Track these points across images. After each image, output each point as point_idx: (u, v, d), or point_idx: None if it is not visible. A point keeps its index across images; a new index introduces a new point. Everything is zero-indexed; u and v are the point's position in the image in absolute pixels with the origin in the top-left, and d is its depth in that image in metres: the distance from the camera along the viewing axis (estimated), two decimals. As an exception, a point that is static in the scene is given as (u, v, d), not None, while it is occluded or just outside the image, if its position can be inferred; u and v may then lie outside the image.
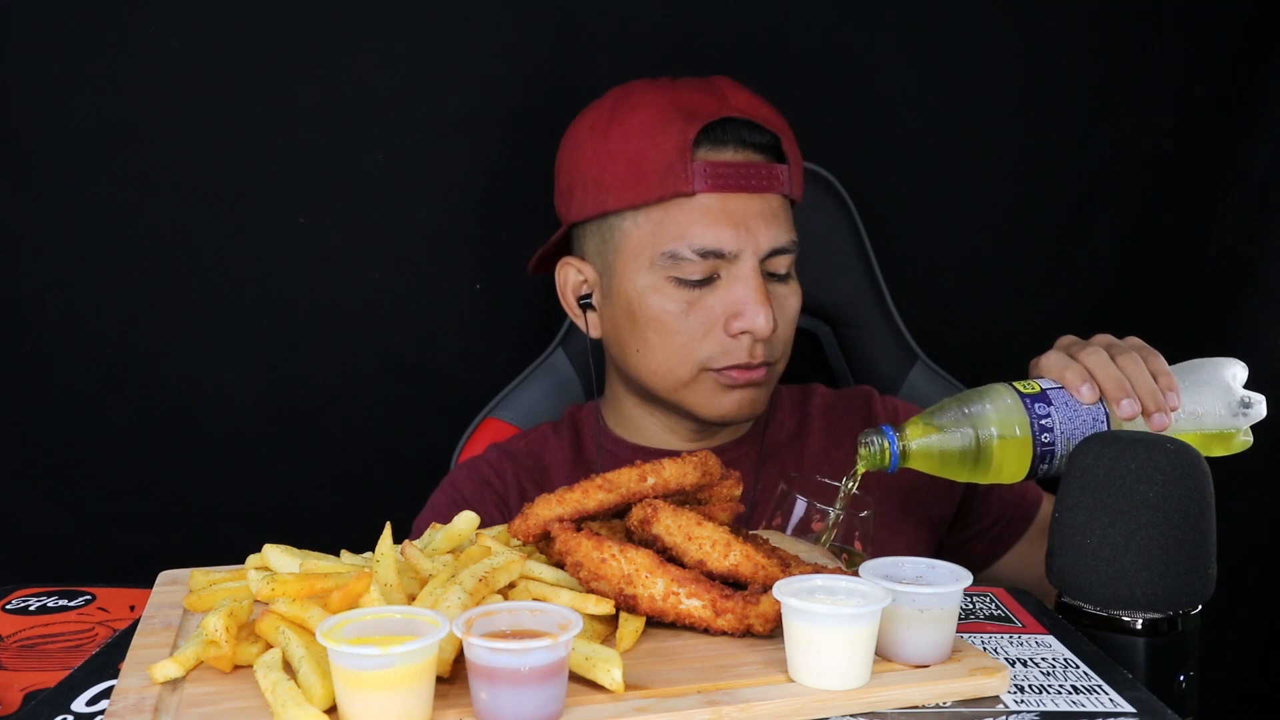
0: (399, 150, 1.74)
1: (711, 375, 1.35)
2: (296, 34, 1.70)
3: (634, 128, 1.33)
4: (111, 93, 1.67)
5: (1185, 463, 0.95)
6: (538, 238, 1.50)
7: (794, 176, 1.37)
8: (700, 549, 0.89)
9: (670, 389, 1.38)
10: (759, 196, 1.33)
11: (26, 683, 0.95)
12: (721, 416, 1.38)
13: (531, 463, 1.48)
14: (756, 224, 1.32)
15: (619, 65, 1.61)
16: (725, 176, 1.30)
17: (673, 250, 1.32)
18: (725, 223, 1.31)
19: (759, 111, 1.35)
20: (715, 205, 1.31)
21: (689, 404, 1.38)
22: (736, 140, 1.33)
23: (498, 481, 1.45)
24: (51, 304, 1.72)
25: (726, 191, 1.31)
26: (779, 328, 1.35)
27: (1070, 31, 1.85)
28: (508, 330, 1.82)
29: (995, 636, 0.93)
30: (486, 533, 0.99)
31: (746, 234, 1.31)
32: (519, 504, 1.39)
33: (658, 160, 1.31)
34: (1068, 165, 1.89)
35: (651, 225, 1.33)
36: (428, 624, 0.72)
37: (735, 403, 1.37)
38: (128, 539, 1.77)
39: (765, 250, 1.32)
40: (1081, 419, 1.11)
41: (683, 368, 1.35)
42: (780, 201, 1.36)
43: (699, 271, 1.32)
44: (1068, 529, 0.97)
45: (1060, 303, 1.91)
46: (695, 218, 1.31)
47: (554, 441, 1.50)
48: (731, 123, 1.33)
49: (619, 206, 1.34)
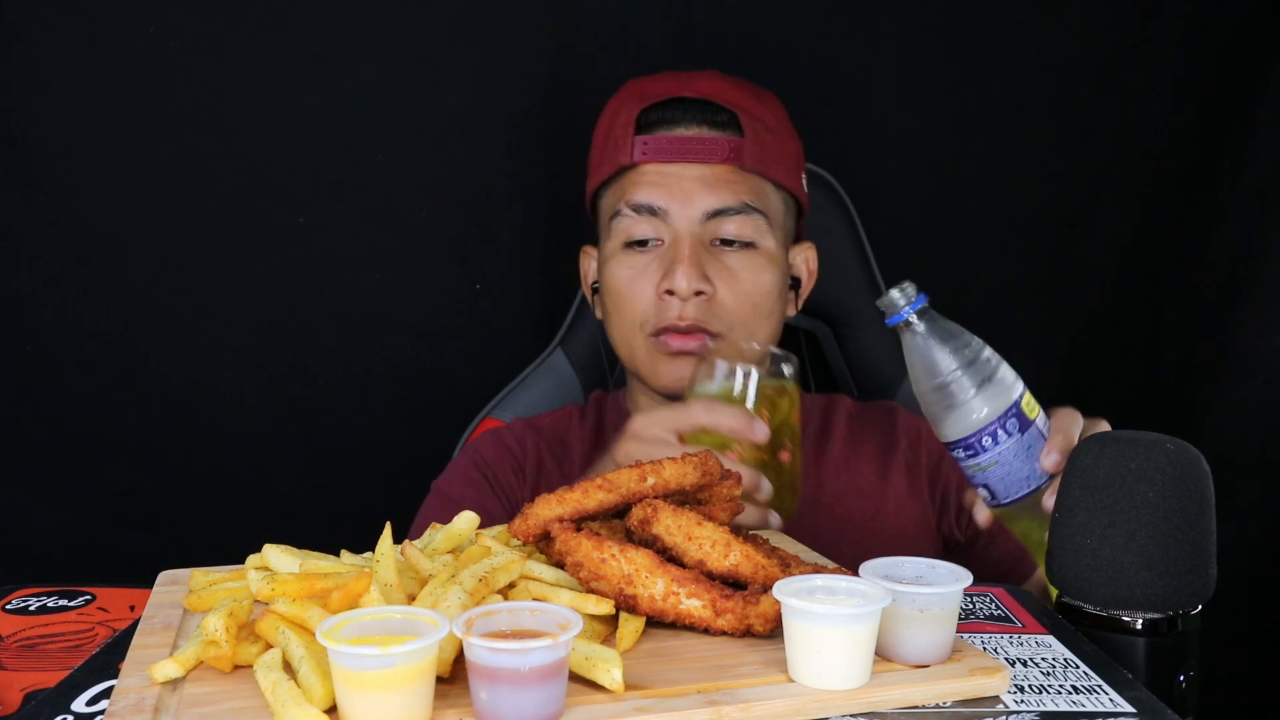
0: (399, 150, 1.74)
1: (652, 342, 1.39)
2: (296, 34, 1.70)
3: (604, 116, 1.46)
4: (111, 93, 1.67)
5: (1185, 463, 0.95)
6: (538, 238, 1.50)
7: (753, 150, 1.39)
8: (700, 549, 0.89)
9: (629, 359, 1.44)
10: (701, 165, 1.39)
11: (26, 683, 0.95)
12: (665, 387, 1.40)
13: (555, 439, 1.52)
14: (692, 187, 1.38)
15: (619, 65, 1.61)
16: (662, 148, 1.39)
17: (617, 209, 1.41)
18: (660, 184, 1.39)
19: (724, 94, 1.40)
20: (654, 171, 1.40)
21: (644, 375, 1.43)
22: (691, 119, 1.40)
23: (518, 449, 1.50)
24: (51, 304, 1.72)
25: (664, 161, 1.39)
26: (719, 294, 1.38)
27: (1070, 32, 1.85)
28: (508, 330, 1.82)
29: (995, 636, 0.93)
30: (486, 533, 0.99)
31: (682, 196, 1.38)
32: (535, 475, 1.48)
33: (610, 139, 1.43)
34: (1068, 165, 1.89)
35: (611, 198, 1.44)
36: (428, 624, 0.72)
37: (675, 372, 1.38)
38: (128, 539, 1.77)
39: (701, 210, 1.38)
40: (1022, 468, 1.10)
41: (634, 335, 1.41)
42: (728, 171, 1.39)
43: (640, 231, 1.39)
44: (1068, 529, 0.97)
45: (1060, 303, 1.92)
46: (637, 181, 1.40)
47: (578, 424, 1.54)
48: (685, 102, 1.40)
49: (593, 187, 1.46)
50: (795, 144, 1.48)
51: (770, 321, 1.44)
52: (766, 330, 1.44)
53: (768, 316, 1.43)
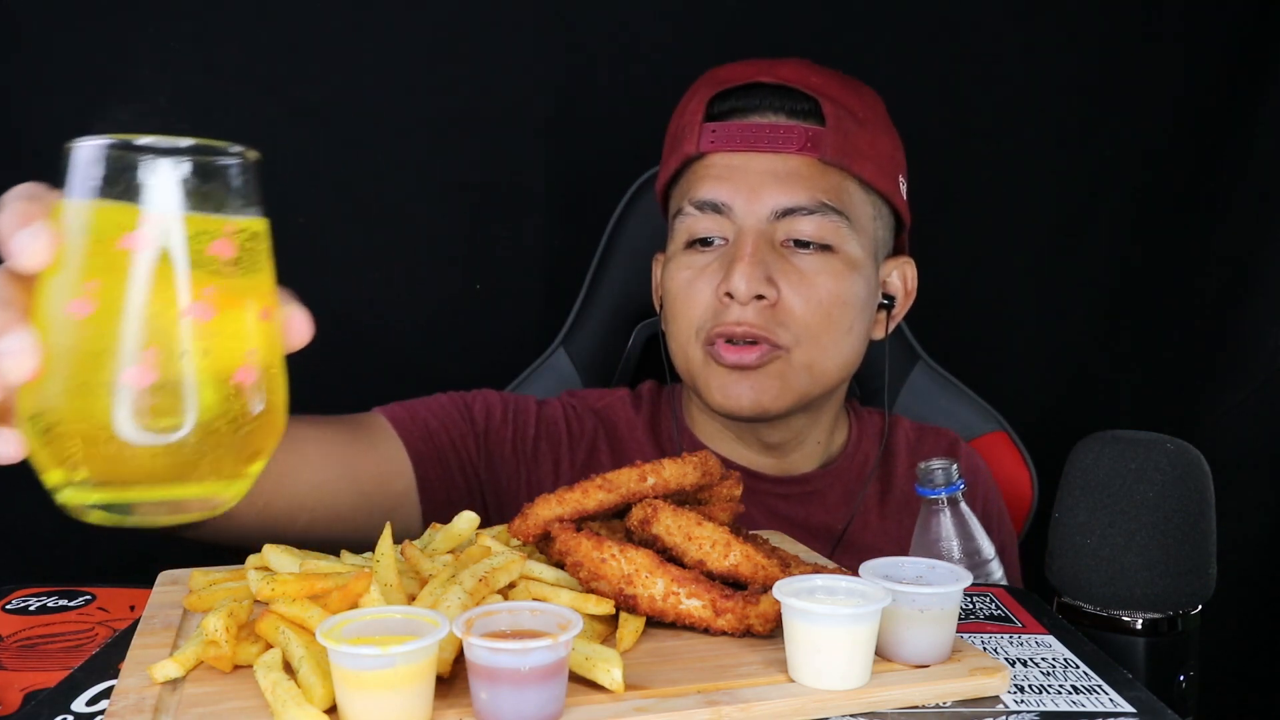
0: (399, 150, 1.74)
1: (707, 352, 1.26)
2: (297, 34, 1.70)
3: (679, 105, 1.33)
4: (111, 93, 1.67)
5: (1185, 463, 0.95)
6: (538, 238, 1.50)
7: (835, 141, 1.24)
8: (700, 549, 0.89)
9: (686, 373, 1.31)
10: (774, 156, 1.24)
11: (26, 683, 0.95)
12: (718, 406, 1.27)
13: (609, 427, 1.41)
14: (761, 181, 1.24)
15: (619, 65, 1.61)
16: (732, 136, 1.25)
17: (679, 207, 1.29)
18: (726, 178, 1.25)
19: (807, 80, 1.26)
20: (721, 163, 1.26)
21: (699, 391, 1.30)
22: (767, 106, 1.27)
23: (576, 427, 1.38)
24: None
25: (733, 150, 1.25)
26: (785, 300, 1.22)
27: (1070, 32, 1.85)
28: (508, 330, 1.82)
29: (995, 636, 0.93)
30: (486, 533, 0.99)
31: (748, 190, 1.24)
32: (588, 456, 1.35)
33: (679, 129, 1.30)
34: (1068, 165, 1.89)
35: (677, 195, 1.32)
36: (428, 624, 0.72)
37: (728, 390, 1.24)
38: (128, 539, 1.76)
39: (770, 208, 1.23)
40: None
41: (689, 343, 1.28)
42: (805, 164, 1.25)
43: (702, 229, 1.26)
44: (1068, 529, 0.97)
45: (1061, 303, 1.92)
46: (702, 175, 1.27)
47: (633, 414, 1.42)
48: (762, 88, 1.27)
49: (663, 183, 1.35)
50: (893, 143, 1.33)
51: (848, 338, 1.27)
52: (843, 349, 1.27)
53: (846, 331, 1.26)
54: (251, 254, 0.66)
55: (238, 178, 0.66)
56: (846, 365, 1.30)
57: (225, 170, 0.65)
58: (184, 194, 0.62)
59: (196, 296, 0.62)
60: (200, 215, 0.63)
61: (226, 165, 0.65)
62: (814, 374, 1.27)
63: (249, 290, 0.66)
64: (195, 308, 0.62)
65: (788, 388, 1.26)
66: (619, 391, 1.47)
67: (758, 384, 1.25)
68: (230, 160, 0.65)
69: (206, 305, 0.62)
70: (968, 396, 1.68)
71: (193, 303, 0.62)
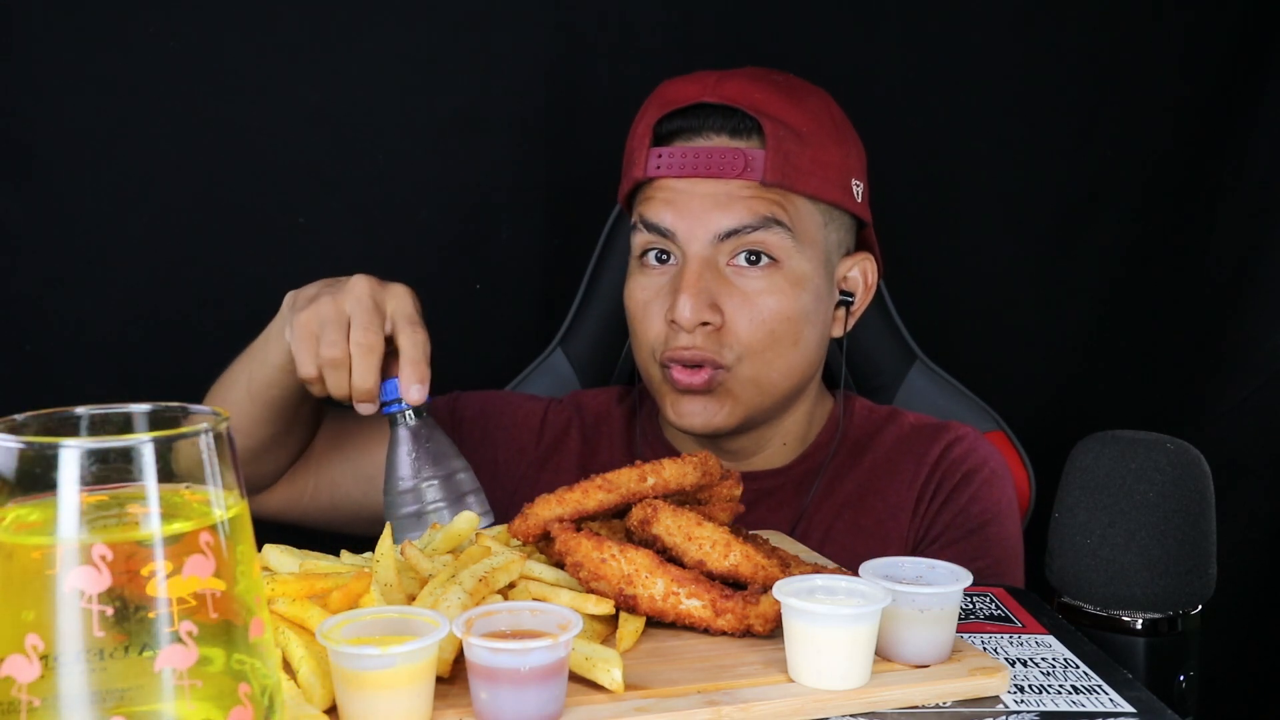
0: (399, 150, 1.74)
1: (664, 374, 1.30)
2: (296, 34, 1.70)
3: (636, 119, 1.36)
4: (111, 93, 1.67)
5: (1185, 463, 0.96)
6: (538, 238, 1.50)
7: (774, 163, 1.26)
8: (700, 549, 0.89)
9: (650, 388, 1.37)
10: (716, 181, 1.27)
11: (26, 683, 0.95)
12: (675, 424, 1.33)
13: (593, 420, 1.49)
14: (703, 206, 1.27)
15: (619, 66, 1.61)
16: (675, 163, 1.28)
17: (634, 220, 1.33)
18: (671, 201, 1.28)
19: (750, 98, 1.28)
20: (667, 187, 1.29)
21: (660, 408, 1.35)
22: (710, 127, 1.29)
23: (553, 415, 1.49)
24: (51, 304, 1.72)
25: (674, 176, 1.28)
26: (730, 323, 1.27)
27: (1070, 31, 1.85)
28: (508, 330, 1.82)
29: (995, 636, 0.93)
30: (486, 533, 0.99)
31: (691, 216, 1.27)
32: (556, 441, 1.46)
33: (630, 150, 1.34)
34: (1067, 165, 1.89)
35: (635, 207, 1.35)
36: (428, 624, 0.72)
37: (682, 409, 1.30)
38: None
39: (713, 231, 1.27)
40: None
41: (649, 363, 1.33)
42: (745, 186, 1.27)
43: (654, 245, 1.30)
44: (1068, 529, 0.97)
45: (1060, 303, 1.92)
46: (650, 196, 1.31)
47: (614, 406, 1.50)
48: (707, 109, 1.29)
49: (623, 196, 1.38)
50: (839, 150, 1.33)
51: (794, 350, 1.30)
52: (790, 361, 1.30)
53: (792, 345, 1.30)
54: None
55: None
56: (795, 374, 1.34)
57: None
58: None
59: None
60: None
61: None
62: (761, 388, 1.31)
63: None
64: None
65: (738, 404, 1.31)
66: (616, 388, 1.54)
67: (708, 405, 1.30)
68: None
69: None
70: (966, 396, 1.68)
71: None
